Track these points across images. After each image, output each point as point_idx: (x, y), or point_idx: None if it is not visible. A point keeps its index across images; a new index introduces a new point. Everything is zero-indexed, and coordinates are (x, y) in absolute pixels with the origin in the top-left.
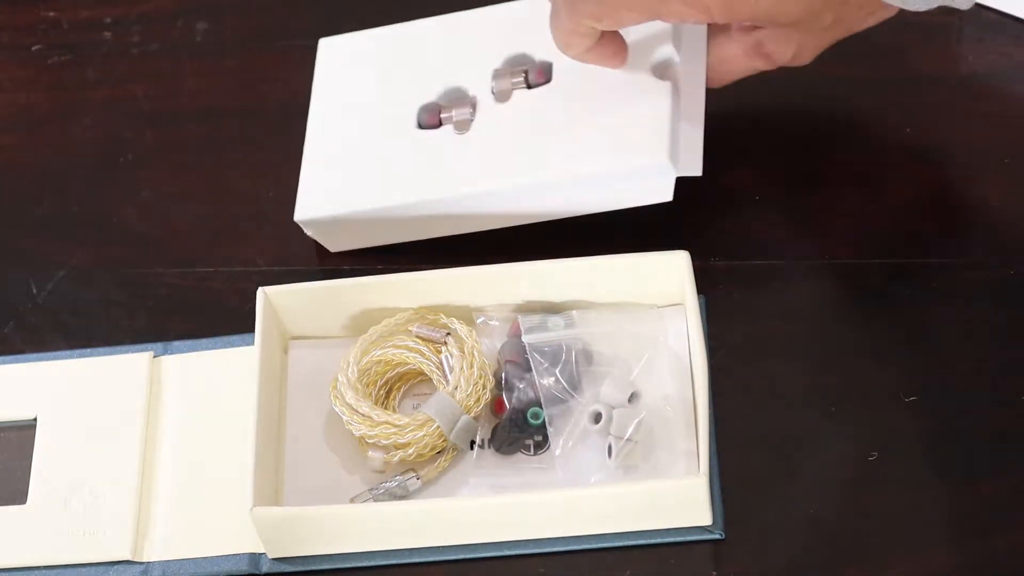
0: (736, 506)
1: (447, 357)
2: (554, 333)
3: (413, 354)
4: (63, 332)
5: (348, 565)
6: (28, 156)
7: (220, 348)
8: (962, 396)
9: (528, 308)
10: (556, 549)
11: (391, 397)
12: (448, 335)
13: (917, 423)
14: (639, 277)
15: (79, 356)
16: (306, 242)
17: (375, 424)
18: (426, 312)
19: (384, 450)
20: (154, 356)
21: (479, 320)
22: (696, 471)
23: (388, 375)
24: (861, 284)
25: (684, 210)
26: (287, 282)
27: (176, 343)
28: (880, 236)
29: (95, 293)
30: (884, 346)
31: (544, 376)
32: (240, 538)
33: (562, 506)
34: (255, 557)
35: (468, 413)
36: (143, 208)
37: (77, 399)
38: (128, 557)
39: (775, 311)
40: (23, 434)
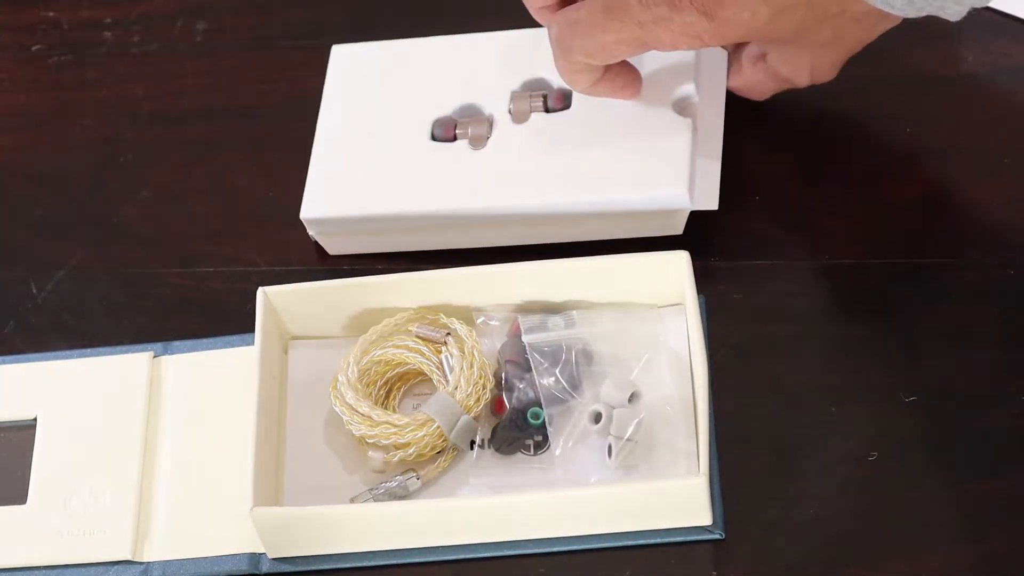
0: (736, 506)
1: (447, 357)
2: (554, 333)
3: (413, 354)
4: (63, 332)
5: (348, 565)
6: (28, 156)
7: (220, 348)
8: (962, 396)
9: (528, 308)
10: (556, 549)
11: (391, 397)
12: (448, 335)
13: (917, 423)
14: (639, 277)
15: (79, 356)
16: (306, 242)
17: (375, 424)
18: (426, 312)
19: (384, 450)
20: (154, 356)
21: (479, 320)
22: (696, 471)
23: (388, 375)
24: (861, 284)
25: None
26: (287, 282)
27: (176, 343)
28: (880, 236)
29: (95, 293)
30: (884, 346)
31: (544, 376)
32: (240, 538)
33: (562, 506)
34: (255, 557)
35: (468, 413)
36: (143, 208)
37: (77, 399)
38: (128, 557)
39: (775, 311)
40: (23, 434)
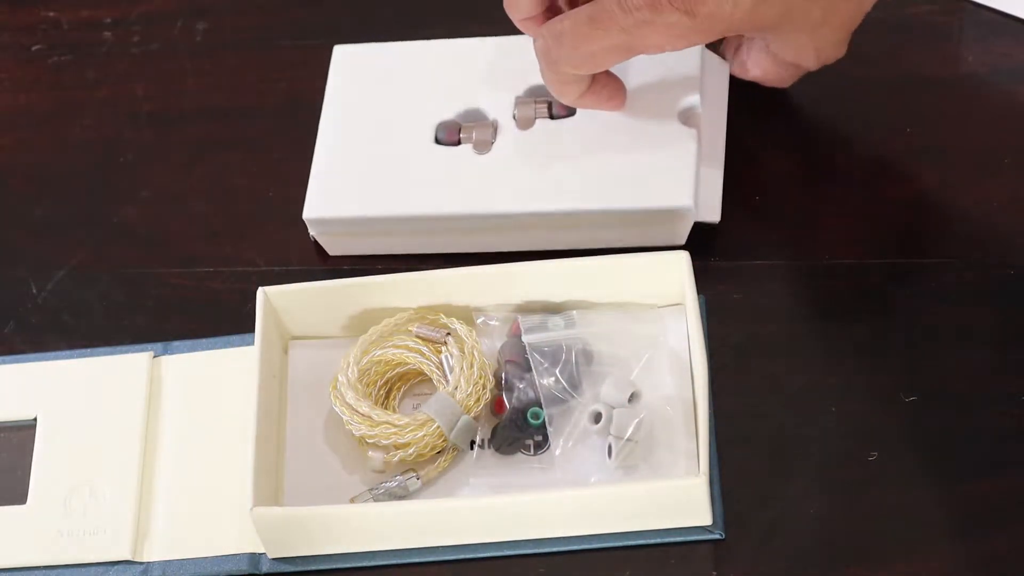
0: (736, 506)
1: (447, 357)
2: (554, 333)
3: (413, 354)
4: (63, 332)
5: (348, 565)
6: (28, 156)
7: (220, 348)
8: (962, 396)
9: (528, 308)
10: (556, 549)
11: (391, 397)
12: (448, 335)
13: (917, 423)
14: (639, 277)
15: (79, 356)
16: (306, 242)
17: (375, 424)
18: (426, 312)
19: (384, 450)
20: (154, 356)
21: (479, 320)
22: (696, 471)
23: (388, 375)
24: (861, 284)
25: None
26: (287, 282)
27: (176, 343)
28: (880, 236)
29: (95, 293)
30: (884, 346)
31: (544, 376)
32: (240, 538)
33: (562, 506)
34: (255, 557)
35: (468, 413)
36: (143, 208)
37: (77, 399)
38: (128, 557)
39: (775, 311)
40: (23, 434)
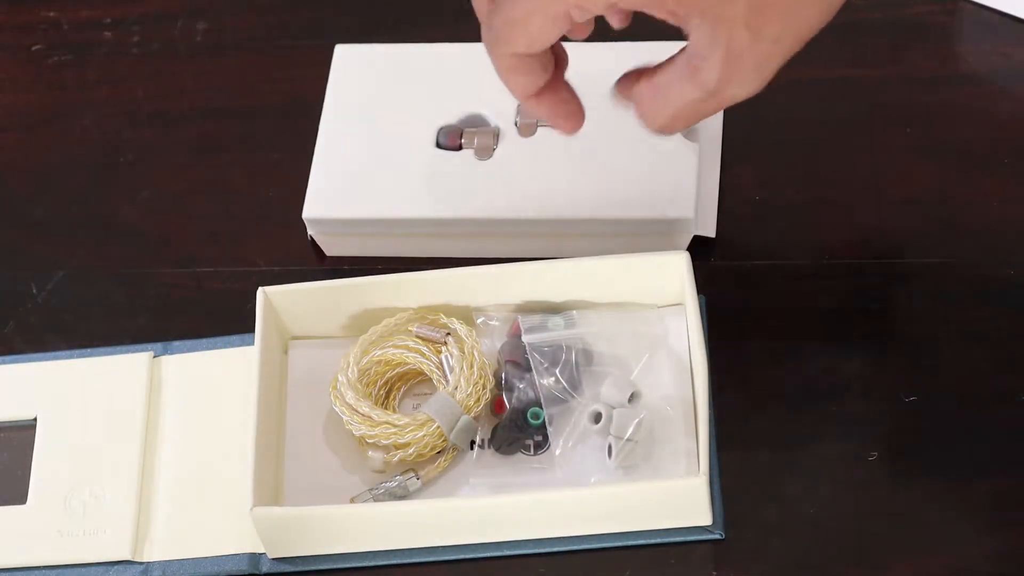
0: (736, 506)
1: (447, 357)
2: (554, 333)
3: (413, 354)
4: (63, 332)
5: (348, 565)
6: (28, 156)
7: (220, 348)
8: (962, 396)
9: (528, 308)
10: (556, 549)
11: (391, 397)
12: (448, 335)
13: (917, 423)
14: (639, 277)
15: (79, 356)
16: (306, 242)
17: (375, 424)
18: (426, 312)
19: (384, 450)
20: (154, 356)
21: (479, 320)
22: (696, 471)
23: (388, 375)
24: (861, 284)
25: None
26: (287, 282)
27: (176, 343)
28: (880, 236)
29: (95, 293)
30: (884, 346)
31: (544, 376)
32: (240, 538)
33: (562, 506)
34: (255, 557)
35: (468, 413)
36: (143, 208)
37: (77, 399)
38: (128, 557)
39: (775, 311)
40: (23, 434)
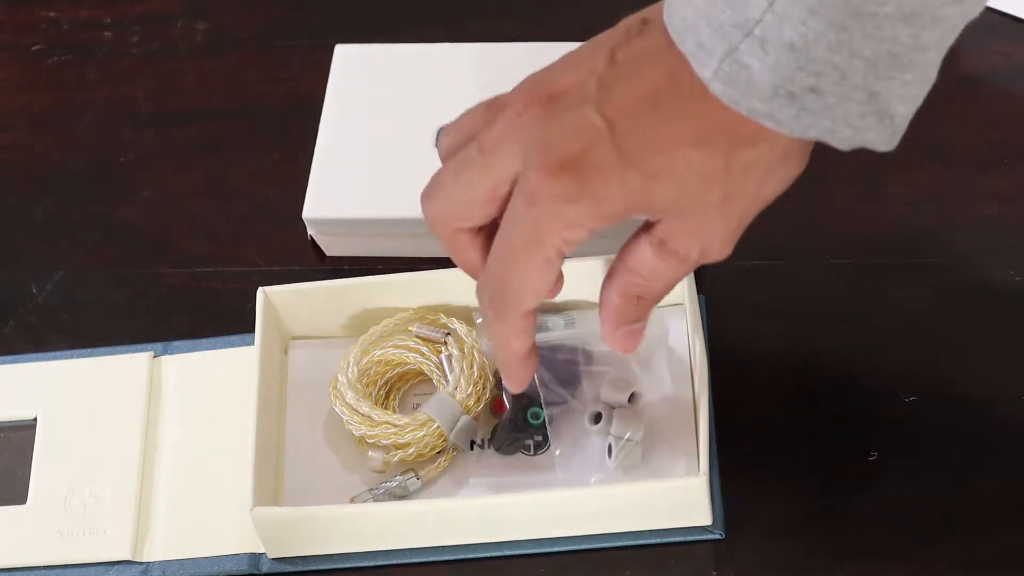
0: (736, 506)
1: (447, 357)
2: (554, 333)
3: (413, 354)
4: (63, 332)
5: (348, 565)
6: (28, 156)
7: (220, 348)
8: (962, 396)
9: None
10: (556, 549)
11: (391, 397)
12: (448, 335)
13: (917, 423)
14: None
15: (79, 356)
16: (306, 242)
17: (375, 424)
18: (426, 312)
19: (384, 450)
20: (154, 356)
21: (479, 320)
22: (696, 471)
23: (388, 375)
24: (861, 284)
25: None
26: (287, 282)
27: (176, 343)
28: (880, 236)
29: (95, 293)
30: (884, 346)
31: (544, 376)
32: (240, 538)
33: (562, 506)
34: (255, 557)
35: (468, 413)
36: (143, 208)
37: (77, 399)
38: (128, 557)
39: (775, 311)
40: (23, 434)
